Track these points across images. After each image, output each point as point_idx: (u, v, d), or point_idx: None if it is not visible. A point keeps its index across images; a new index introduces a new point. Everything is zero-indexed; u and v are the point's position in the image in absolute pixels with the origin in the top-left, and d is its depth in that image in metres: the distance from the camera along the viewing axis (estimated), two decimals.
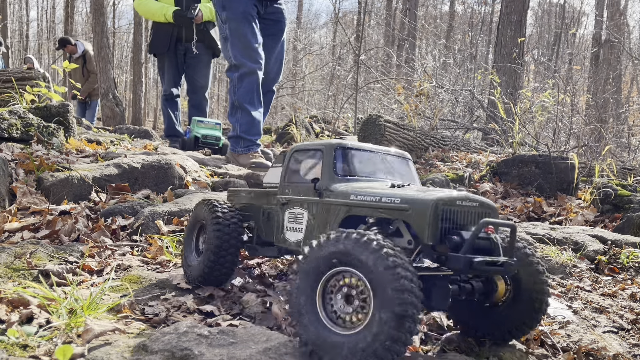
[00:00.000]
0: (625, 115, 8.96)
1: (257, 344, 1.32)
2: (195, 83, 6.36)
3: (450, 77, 9.33)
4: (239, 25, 4.14)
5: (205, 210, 1.86)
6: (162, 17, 5.98)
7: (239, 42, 4.16)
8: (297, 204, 1.62)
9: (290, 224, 1.64)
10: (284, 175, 1.69)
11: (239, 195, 1.99)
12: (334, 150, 1.57)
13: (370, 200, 1.40)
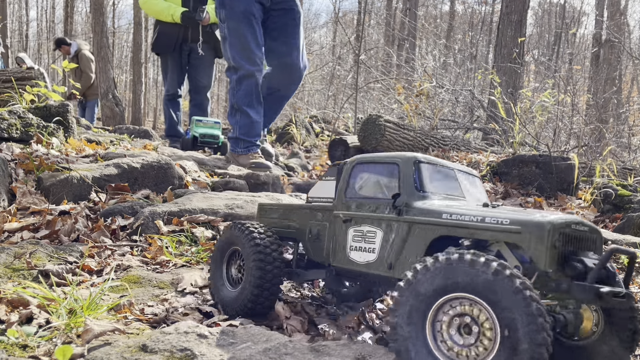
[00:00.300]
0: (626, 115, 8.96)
1: (257, 344, 1.32)
2: (198, 83, 6.36)
3: (450, 77, 9.33)
4: (238, 24, 4.02)
5: (240, 235, 1.67)
6: (169, 17, 5.95)
7: (237, 42, 4.05)
8: (366, 221, 1.47)
9: (357, 243, 1.48)
10: (344, 190, 1.55)
11: (273, 211, 1.81)
12: (413, 164, 1.44)
13: (469, 221, 1.27)
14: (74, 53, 9.25)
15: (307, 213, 1.67)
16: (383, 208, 1.44)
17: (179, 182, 3.20)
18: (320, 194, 1.68)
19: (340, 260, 1.52)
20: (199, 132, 5.70)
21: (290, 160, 5.83)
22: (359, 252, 1.47)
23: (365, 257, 1.46)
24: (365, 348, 1.35)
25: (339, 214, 1.54)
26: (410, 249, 1.36)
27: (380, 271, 1.41)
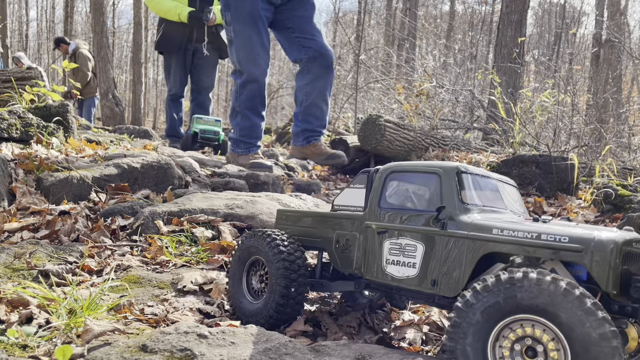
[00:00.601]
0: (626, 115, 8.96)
1: (257, 344, 1.32)
2: (200, 83, 6.38)
3: (450, 77, 9.33)
4: (243, 27, 3.93)
5: (262, 244, 1.62)
6: (176, 17, 5.97)
7: (242, 46, 3.96)
8: (404, 234, 1.40)
9: (394, 256, 1.41)
10: (377, 200, 1.48)
11: (294, 218, 1.74)
12: (456, 175, 1.37)
13: (523, 237, 1.20)
14: (72, 52, 9.26)
15: (333, 222, 1.60)
16: (423, 221, 1.37)
17: (179, 182, 3.20)
18: (348, 203, 1.61)
19: (375, 274, 1.45)
20: (199, 128, 5.69)
21: (290, 160, 5.83)
22: (397, 266, 1.40)
23: (405, 272, 1.39)
24: (365, 348, 1.35)
25: (371, 224, 1.47)
26: (457, 265, 1.28)
27: (422, 287, 1.35)
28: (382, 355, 1.31)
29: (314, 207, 2.88)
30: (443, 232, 1.32)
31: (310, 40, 4.04)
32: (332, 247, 1.59)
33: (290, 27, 4.08)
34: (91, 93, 9.61)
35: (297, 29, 4.06)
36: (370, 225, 1.48)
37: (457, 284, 1.27)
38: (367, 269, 1.48)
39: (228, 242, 2.25)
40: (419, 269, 1.36)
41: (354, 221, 1.54)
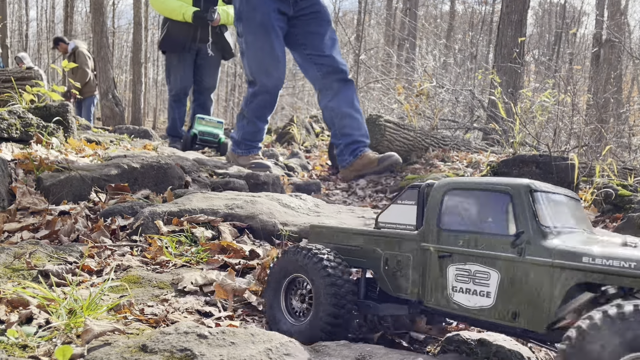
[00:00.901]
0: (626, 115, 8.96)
1: (258, 344, 1.32)
2: (203, 84, 6.35)
3: (450, 77, 9.33)
4: (256, 38, 3.81)
5: (305, 261, 1.49)
6: (181, 16, 5.93)
7: (255, 57, 3.84)
8: (474, 259, 1.27)
9: (462, 284, 1.29)
10: (436, 219, 1.36)
11: (332, 234, 1.62)
12: (529, 194, 1.24)
13: (620, 267, 1.08)
14: (71, 51, 9.28)
15: (380, 240, 1.48)
16: (496, 245, 1.24)
17: (179, 182, 3.20)
18: (395, 220, 1.49)
19: (439, 302, 1.33)
20: (199, 129, 5.63)
21: (290, 160, 5.83)
22: (467, 295, 1.27)
23: (477, 302, 1.26)
24: (365, 348, 1.35)
25: (429, 246, 1.35)
26: (544, 297, 1.16)
27: (500, 320, 1.22)
28: (382, 355, 1.31)
29: (314, 207, 2.88)
30: (522, 259, 1.19)
31: (323, 57, 3.92)
32: (380, 268, 1.47)
33: (303, 43, 3.97)
34: (90, 92, 9.62)
35: (309, 45, 3.93)
36: (428, 248, 1.35)
37: (545, 318, 1.16)
38: (428, 295, 1.35)
39: (228, 242, 2.25)
40: (494, 299, 1.23)
41: (407, 241, 1.41)
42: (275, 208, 2.61)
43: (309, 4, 3.90)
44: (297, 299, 1.56)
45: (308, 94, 16.38)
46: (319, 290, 1.45)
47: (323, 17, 3.96)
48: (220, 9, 6.03)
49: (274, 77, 3.85)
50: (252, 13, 3.77)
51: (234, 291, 1.81)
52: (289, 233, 2.41)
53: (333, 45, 4.02)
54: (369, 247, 1.51)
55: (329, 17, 3.99)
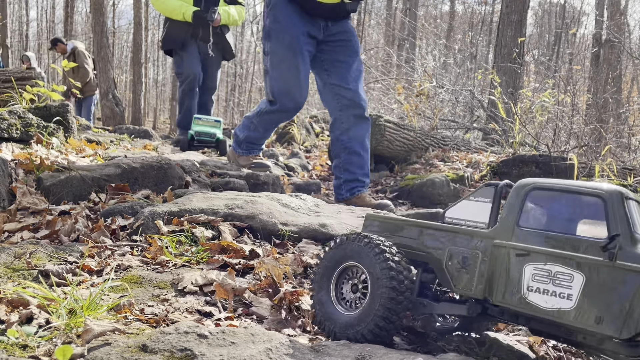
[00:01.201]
0: (626, 115, 8.96)
1: (257, 344, 1.32)
2: (204, 84, 6.27)
3: (450, 77, 9.33)
4: (282, 60, 3.64)
5: (365, 251, 1.46)
6: (181, 16, 5.89)
7: (279, 78, 3.67)
8: (555, 260, 1.24)
9: (540, 284, 1.25)
10: (516, 218, 1.33)
11: (392, 226, 1.58)
12: (623, 201, 1.22)
13: None
14: (71, 51, 9.29)
15: (446, 235, 1.44)
16: (584, 248, 1.21)
17: (179, 182, 3.20)
18: (465, 217, 1.46)
19: (510, 301, 1.29)
20: (195, 130, 5.54)
21: (290, 160, 5.83)
22: (545, 295, 1.24)
23: (556, 304, 1.22)
24: (365, 348, 1.36)
25: (505, 244, 1.32)
26: (634, 303, 1.13)
27: (581, 324, 1.19)
28: (382, 355, 1.32)
29: (314, 207, 2.88)
30: (613, 264, 1.16)
31: (345, 89, 3.75)
32: (442, 264, 1.43)
33: (328, 70, 3.78)
34: (91, 91, 9.63)
35: (333, 74, 3.75)
36: (503, 245, 1.32)
37: (634, 325, 1.13)
38: (497, 294, 1.32)
39: (228, 242, 2.26)
40: (576, 302, 1.20)
41: (477, 238, 1.38)
42: (275, 208, 2.62)
43: (340, 30, 3.73)
44: (349, 288, 1.52)
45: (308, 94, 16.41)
46: (376, 283, 1.41)
47: (353, 46, 3.78)
48: (221, 9, 5.98)
49: (296, 101, 3.71)
50: (282, 34, 3.61)
51: (234, 291, 1.82)
52: (289, 233, 2.41)
53: (358, 78, 3.84)
54: (431, 240, 1.47)
55: (358, 48, 3.82)
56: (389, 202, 3.72)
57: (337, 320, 1.47)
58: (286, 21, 3.60)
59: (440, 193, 4.37)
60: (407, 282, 1.41)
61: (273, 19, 3.66)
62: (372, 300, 1.41)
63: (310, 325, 1.68)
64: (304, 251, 2.28)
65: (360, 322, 1.42)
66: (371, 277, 1.43)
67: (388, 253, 1.43)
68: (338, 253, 1.54)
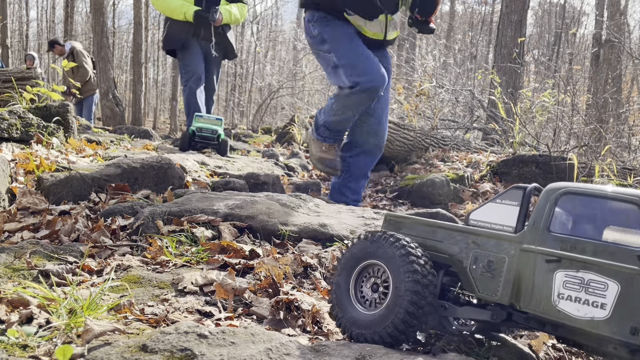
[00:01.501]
0: (626, 115, 8.96)
1: (257, 344, 1.32)
2: (206, 85, 6.13)
3: (450, 77, 9.34)
4: (345, 46, 3.50)
5: (389, 250, 1.43)
6: (182, 15, 5.76)
7: (347, 62, 3.49)
8: (589, 267, 1.20)
9: (571, 292, 1.22)
10: (546, 222, 1.29)
11: (411, 226, 1.55)
12: None
13: None
14: (69, 51, 9.30)
15: (471, 238, 1.42)
16: (619, 256, 1.17)
17: (179, 182, 3.20)
18: (491, 220, 1.43)
19: (538, 308, 1.26)
20: (197, 126, 5.38)
21: (290, 160, 5.83)
22: (577, 303, 1.20)
23: (588, 312, 1.19)
24: (366, 348, 1.36)
25: (534, 249, 1.28)
26: None
27: (614, 334, 1.16)
28: (382, 355, 1.32)
29: (314, 207, 2.88)
30: None
31: (371, 117, 3.63)
32: (466, 267, 1.40)
33: None
34: (92, 90, 9.63)
35: None
36: (531, 250, 1.29)
37: None
38: (525, 300, 1.28)
39: (228, 242, 2.26)
40: (610, 311, 1.16)
41: (504, 242, 1.35)
42: (275, 208, 2.62)
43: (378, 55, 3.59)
44: (369, 287, 1.49)
45: (308, 94, 16.40)
46: (400, 283, 1.38)
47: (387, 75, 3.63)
48: (223, 8, 5.89)
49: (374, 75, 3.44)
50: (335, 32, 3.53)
51: (234, 291, 1.82)
52: (289, 233, 2.41)
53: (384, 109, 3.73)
54: (455, 243, 1.44)
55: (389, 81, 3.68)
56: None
57: (356, 320, 1.45)
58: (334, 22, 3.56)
59: (440, 193, 4.38)
60: (431, 285, 1.38)
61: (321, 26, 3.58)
62: (394, 301, 1.38)
63: (310, 325, 1.68)
64: (304, 251, 2.28)
65: (380, 322, 1.39)
66: (394, 277, 1.40)
67: (413, 254, 1.40)
68: (359, 251, 1.51)
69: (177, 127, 20.07)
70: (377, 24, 3.58)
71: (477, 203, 4.39)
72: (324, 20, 3.59)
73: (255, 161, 5.33)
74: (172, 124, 21.41)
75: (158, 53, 30.89)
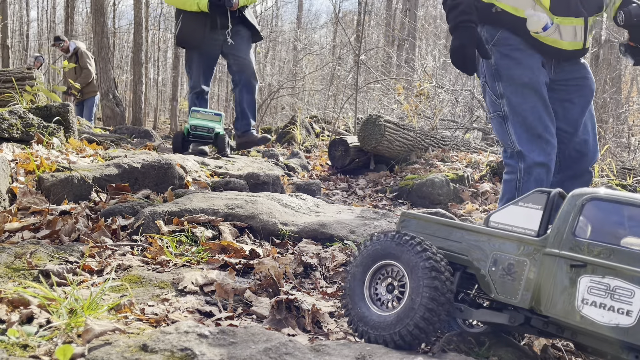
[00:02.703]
0: (625, 115, 8.96)
1: (257, 343, 1.32)
2: (240, 61, 5.49)
3: (450, 77, 9.34)
4: (523, 100, 2.84)
5: (407, 250, 1.42)
6: (195, 6, 5.26)
7: (523, 123, 2.85)
8: (615, 273, 1.19)
9: (596, 297, 1.20)
10: (572, 227, 1.28)
11: (429, 227, 1.53)
12: None
13: None
14: (73, 51, 9.29)
15: (491, 240, 1.40)
16: None
17: (179, 182, 3.20)
18: (512, 222, 1.41)
19: (560, 312, 1.24)
20: (192, 123, 4.88)
21: (291, 160, 5.84)
22: (601, 309, 1.19)
23: (613, 319, 1.18)
24: (366, 348, 1.36)
25: (558, 253, 1.27)
26: None
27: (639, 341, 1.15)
28: (383, 355, 1.32)
29: (314, 207, 2.88)
30: None
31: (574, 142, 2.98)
32: (485, 269, 1.39)
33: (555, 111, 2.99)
34: (93, 92, 9.64)
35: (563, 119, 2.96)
36: (555, 254, 1.28)
37: None
38: (546, 304, 1.27)
39: (228, 242, 2.26)
40: (636, 318, 1.14)
41: (526, 245, 1.34)
42: (275, 208, 2.62)
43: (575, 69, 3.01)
44: (383, 288, 1.48)
45: (308, 94, 16.39)
46: (417, 283, 1.37)
47: (589, 92, 3.05)
48: None
49: (547, 152, 2.82)
50: (518, 70, 2.83)
51: (234, 290, 1.82)
52: (289, 233, 2.41)
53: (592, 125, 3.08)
54: (474, 244, 1.43)
55: (592, 92, 3.09)
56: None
57: (371, 321, 1.43)
58: (517, 53, 2.85)
59: (440, 193, 4.38)
60: (449, 285, 1.37)
61: (500, 56, 2.87)
62: (412, 301, 1.37)
63: (310, 325, 1.69)
64: (304, 251, 2.29)
65: (397, 323, 1.37)
66: (411, 277, 1.39)
67: (430, 253, 1.39)
68: (374, 251, 1.49)
69: (177, 127, 20.08)
70: (572, 30, 2.81)
71: (477, 203, 4.39)
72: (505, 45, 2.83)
73: (256, 161, 5.33)
74: (172, 124, 21.42)
75: (158, 53, 30.89)
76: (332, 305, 1.89)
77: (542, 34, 2.74)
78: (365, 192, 4.94)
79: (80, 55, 9.29)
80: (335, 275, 2.15)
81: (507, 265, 1.35)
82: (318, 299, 1.92)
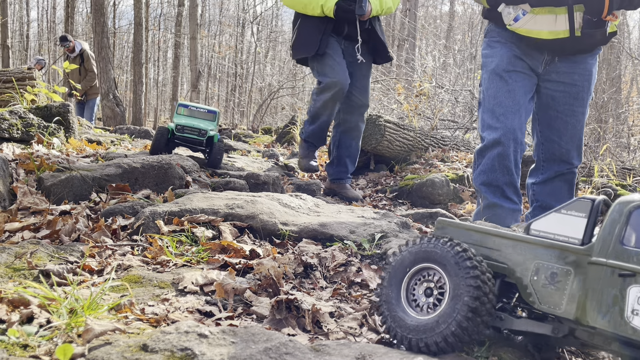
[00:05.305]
0: (625, 115, 8.97)
1: (257, 343, 1.32)
2: (351, 100, 4.31)
3: (450, 77, 9.34)
4: (489, 85, 2.97)
5: (449, 254, 1.40)
6: (319, 10, 4.12)
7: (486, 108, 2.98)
8: None
9: None
10: (619, 236, 1.25)
11: (467, 234, 1.50)
12: None
13: None
14: (79, 52, 9.29)
15: (532, 248, 1.38)
16: None
17: (179, 182, 3.21)
18: (555, 230, 1.38)
19: (608, 324, 1.21)
20: (177, 122, 4.06)
21: (291, 160, 5.84)
22: None
23: None
24: (366, 348, 1.36)
25: (604, 262, 1.24)
26: None
27: None
28: (383, 355, 1.32)
29: (314, 207, 2.88)
30: None
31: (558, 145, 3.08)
32: (527, 278, 1.36)
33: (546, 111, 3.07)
34: (96, 93, 9.66)
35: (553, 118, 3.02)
36: (602, 263, 1.24)
37: None
38: (592, 315, 1.23)
39: (228, 241, 2.26)
40: None
41: (570, 254, 1.31)
42: (275, 208, 2.62)
43: (569, 71, 2.93)
44: (421, 291, 1.46)
45: (308, 94, 16.38)
46: (458, 289, 1.35)
47: (582, 93, 2.98)
48: None
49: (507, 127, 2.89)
50: (490, 58, 3.00)
51: (235, 290, 1.82)
52: (289, 233, 2.41)
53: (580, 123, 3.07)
54: (515, 252, 1.41)
55: (587, 96, 3.02)
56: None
57: (407, 324, 1.42)
58: (495, 44, 3.00)
59: (440, 193, 4.38)
60: (491, 294, 1.35)
61: (484, 46, 3.09)
62: (451, 307, 1.35)
63: (310, 325, 1.69)
64: (304, 251, 2.29)
65: (435, 328, 1.36)
66: (452, 283, 1.37)
67: (474, 259, 1.37)
68: (413, 254, 1.48)
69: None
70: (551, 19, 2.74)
71: (477, 203, 4.39)
72: (491, 35, 3.02)
73: (256, 161, 5.34)
74: None
75: (158, 53, 30.90)
76: (332, 306, 1.89)
77: (514, 25, 2.84)
78: (365, 192, 4.94)
79: (86, 58, 9.30)
80: (335, 275, 2.15)
81: (550, 274, 1.32)
82: (318, 299, 1.92)
